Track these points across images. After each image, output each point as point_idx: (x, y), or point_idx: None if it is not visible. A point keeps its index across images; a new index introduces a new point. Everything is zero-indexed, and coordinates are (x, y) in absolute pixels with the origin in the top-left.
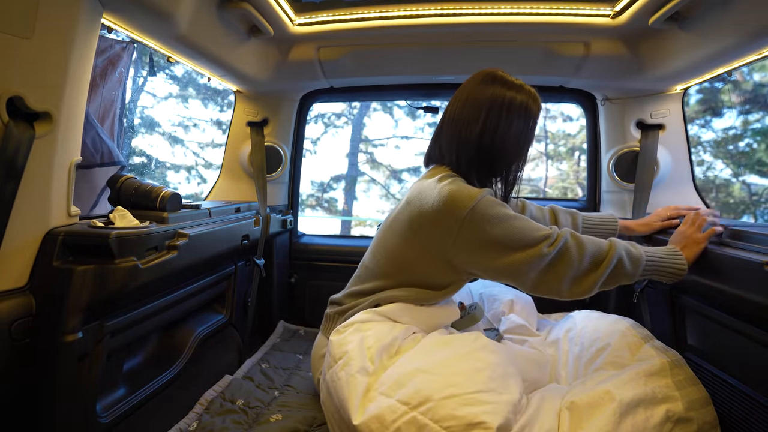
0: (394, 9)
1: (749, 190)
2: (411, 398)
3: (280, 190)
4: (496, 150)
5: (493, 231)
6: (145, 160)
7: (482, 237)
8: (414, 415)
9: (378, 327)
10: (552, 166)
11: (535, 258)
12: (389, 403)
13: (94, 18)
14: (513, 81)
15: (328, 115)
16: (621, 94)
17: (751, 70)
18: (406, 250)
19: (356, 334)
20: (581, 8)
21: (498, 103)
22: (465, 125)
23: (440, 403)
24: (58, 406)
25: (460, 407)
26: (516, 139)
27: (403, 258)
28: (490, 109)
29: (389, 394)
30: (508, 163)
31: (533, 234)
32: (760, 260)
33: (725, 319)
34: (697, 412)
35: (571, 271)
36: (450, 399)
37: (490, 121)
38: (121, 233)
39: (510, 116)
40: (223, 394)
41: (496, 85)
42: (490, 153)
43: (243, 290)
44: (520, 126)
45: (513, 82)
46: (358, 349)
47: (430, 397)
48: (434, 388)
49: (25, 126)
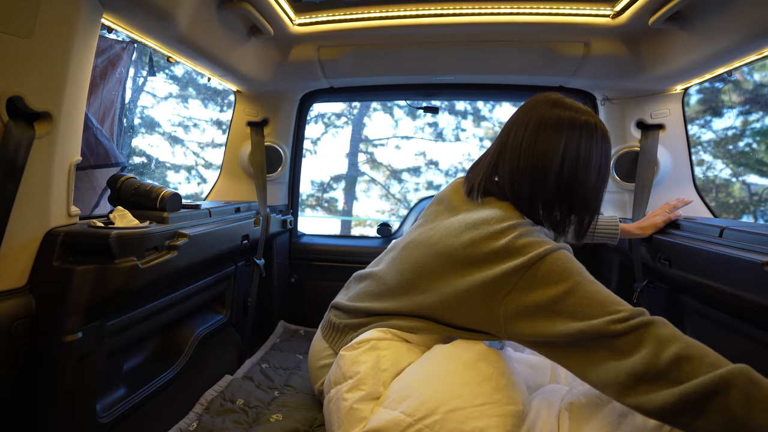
0: (394, 9)
1: (749, 190)
2: (416, 410)
3: (280, 190)
4: (578, 183)
5: (559, 287)
6: (145, 160)
7: (546, 291)
8: (419, 427)
9: (395, 348)
10: None
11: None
12: (393, 416)
13: (94, 18)
14: (580, 106)
15: (328, 115)
16: (621, 94)
17: (751, 70)
18: (451, 282)
19: (371, 353)
20: (581, 8)
21: (578, 128)
22: (540, 155)
23: (446, 417)
24: (58, 406)
25: (465, 421)
26: (597, 169)
27: (445, 289)
28: (570, 135)
29: (392, 407)
30: (588, 200)
31: (603, 307)
32: (760, 260)
33: (725, 319)
34: None
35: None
36: (455, 412)
37: (570, 149)
38: (121, 233)
39: (590, 143)
40: (223, 394)
41: (568, 110)
42: (571, 188)
43: (243, 290)
44: (601, 153)
45: (580, 108)
46: (372, 372)
47: (436, 410)
48: (439, 401)
49: (25, 126)
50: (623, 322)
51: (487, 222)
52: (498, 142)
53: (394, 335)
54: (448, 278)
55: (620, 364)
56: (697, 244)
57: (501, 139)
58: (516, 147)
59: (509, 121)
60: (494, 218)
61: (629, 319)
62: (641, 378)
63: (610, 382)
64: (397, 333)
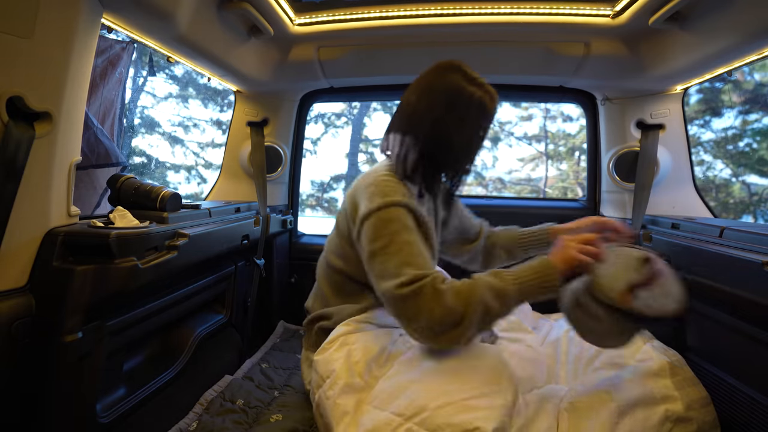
0: (394, 9)
1: (749, 190)
2: (405, 409)
3: (280, 190)
4: (447, 145)
5: (374, 245)
6: (145, 160)
7: (367, 245)
8: (409, 426)
9: (364, 338)
10: (552, 166)
11: (388, 293)
12: (384, 416)
13: (94, 18)
14: (475, 76)
15: (328, 115)
16: (621, 94)
17: (751, 70)
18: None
19: (342, 349)
20: (581, 8)
21: (456, 96)
22: (418, 115)
23: (435, 413)
24: (59, 406)
25: (454, 415)
26: (469, 136)
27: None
28: (448, 101)
29: (383, 407)
30: (456, 162)
31: (397, 270)
32: (760, 260)
33: (725, 319)
34: (696, 412)
35: (422, 323)
36: (444, 407)
37: (445, 113)
38: (121, 233)
39: (467, 111)
40: (223, 394)
41: (457, 75)
42: (440, 147)
43: (243, 290)
44: (475, 124)
45: (475, 78)
46: (346, 366)
47: (425, 407)
48: (428, 398)
49: (25, 126)
50: (406, 286)
51: (362, 179)
52: (398, 107)
53: (359, 321)
54: (347, 236)
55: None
56: (697, 244)
57: (400, 103)
58: (403, 109)
59: (411, 84)
60: (367, 177)
61: (411, 282)
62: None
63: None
64: (360, 319)
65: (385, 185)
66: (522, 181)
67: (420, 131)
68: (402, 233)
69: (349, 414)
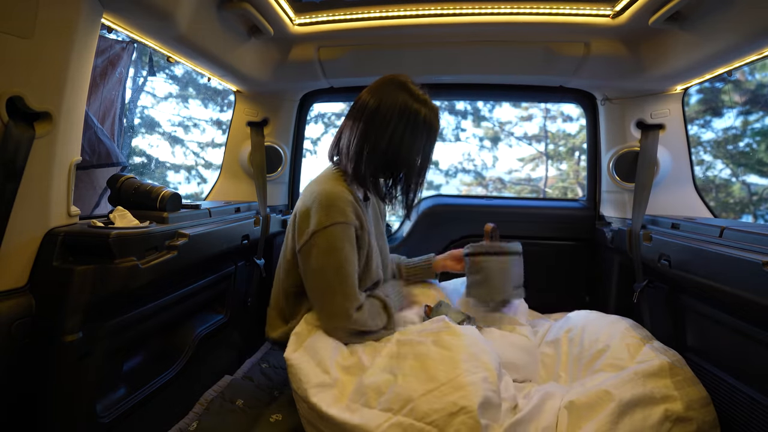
0: (394, 9)
1: (749, 190)
2: (393, 403)
3: (280, 190)
4: (400, 160)
5: (318, 262)
6: (145, 160)
7: (310, 261)
8: (399, 419)
9: (318, 333)
10: (552, 166)
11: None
12: (373, 414)
13: (94, 18)
14: (420, 94)
15: (328, 115)
16: (621, 94)
17: (751, 70)
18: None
19: (301, 351)
20: (581, 8)
21: (406, 114)
22: (375, 130)
23: (421, 401)
24: (58, 406)
25: (439, 399)
26: (418, 152)
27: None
28: (399, 119)
29: (371, 405)
30: (409, 174)
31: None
32: (760, 260)
33: (725, 319)
34: (696, 411)
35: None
36: (429, 394)
37: (397, 129)
38: (121, 233)
39: (415, 129)
40: (223, 394)
41: (405, 94)
42: (394, 161)
43: (243, 290)
44: (423, 140)
45: (419, 95)
46: (309, 366)
47: (411, 397)
48: (412, 388)
49: (25, 126)
50: (336, 317)
51: (308, 192)
52: (346, 115)
53: (309, 320)
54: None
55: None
56: (697, 244)
57: (349, 111)
58: (355, 121)
59: (359, 95)
60: (313, 189)
61: (339, 314)
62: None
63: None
64: (310, 318)
65: (333, 198)
66: (522, 181)
67: (378, 146)
68: (347, 254)
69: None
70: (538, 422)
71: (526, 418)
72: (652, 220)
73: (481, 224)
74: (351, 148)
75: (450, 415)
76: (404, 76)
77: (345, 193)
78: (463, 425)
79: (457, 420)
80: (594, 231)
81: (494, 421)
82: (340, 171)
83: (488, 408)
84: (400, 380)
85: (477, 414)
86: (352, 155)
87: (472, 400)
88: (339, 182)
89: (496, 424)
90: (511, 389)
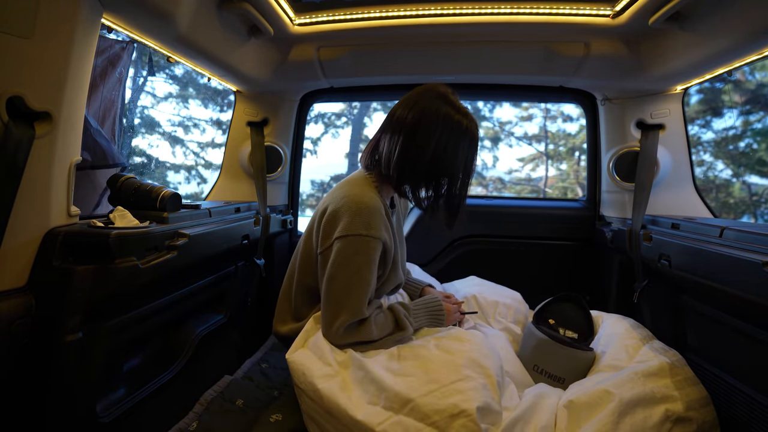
0: (394, 9)
1: (749, 190)
2: (394, 402)
3: (280, 190)
4: (444, 172)
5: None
6: (145, 160)
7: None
8: (399, 418)
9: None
10: (552, 166)
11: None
12: (376, 411)
13: (94, 18)
14: (460, 105)
15: (328, 115)
16: (621, 94)
17: (751, 70)
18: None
19: (305, 348)
20: (581, 8)
21: (449, 126)
22: (417, 141)
23: (422, 401)
24: (59, 405)
25: (440, 400)
26: (461, 164)
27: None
28: (443, 130)
29: (374, 402)
30: (452, 186)
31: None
32: (760, 260)
33: (725, 319)
34: (696, 411)
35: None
36: (430, 395)
37: (440, 142)
38: (121, 233)
39: (459, 142)
40: (223, 394)
41: (447, 106)
42: (437, 173)
43: (243, 290)
44: (465, 152)
45: (461, 107)
46: (312, 360)
47: (412, 397)
48: (413, 388)
49: (25, 126)
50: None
51: (339, 194)
52: (384, 123)
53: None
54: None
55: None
56: (697, 244)
57: (386, 120)
58: (396, 131)
59: (397, 103)
60: (345, 192)
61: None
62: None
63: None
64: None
65: (363, 206)
66: (522, 181)
67: (422, 157)
68: (363, 269)
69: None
70: (536, 421)
71: (523, 416)
72: (652, 220)
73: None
74: (393, 159)
75: (451, 417)
76: (443, 86)
77: (375, 201)
78: (464, 428)
79: (458, 422)
80: (594, 231)
81: (494, 425)
82: (373, 177)
83: (487, 413)
84: (400, 378)
85: (476, 418)
86: (394, 166)
87: (472, 404)
88: (371, 188)
89: (496, 428)
90: (515, 398)
